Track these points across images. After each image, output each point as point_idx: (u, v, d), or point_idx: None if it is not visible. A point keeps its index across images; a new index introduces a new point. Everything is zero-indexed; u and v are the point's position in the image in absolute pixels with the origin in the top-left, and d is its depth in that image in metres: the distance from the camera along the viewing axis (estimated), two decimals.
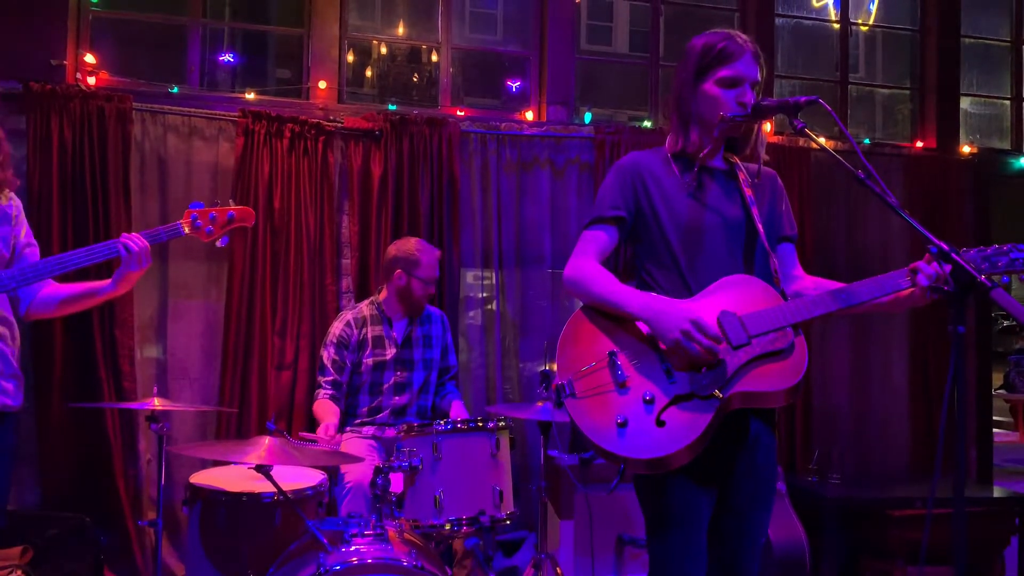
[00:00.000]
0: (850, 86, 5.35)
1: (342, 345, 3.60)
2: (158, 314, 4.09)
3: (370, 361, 3.61)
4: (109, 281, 2.38)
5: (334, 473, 3.32)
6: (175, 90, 4.16)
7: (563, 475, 3.72)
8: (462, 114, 4.50)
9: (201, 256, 4.08)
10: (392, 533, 2.62)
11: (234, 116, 4.07)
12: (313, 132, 4.12)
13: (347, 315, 3.69)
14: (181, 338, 4.11)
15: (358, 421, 3.63)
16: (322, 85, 4.38)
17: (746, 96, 2.04)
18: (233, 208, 2.51)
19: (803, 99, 1.93)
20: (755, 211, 2.08)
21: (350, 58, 4.70)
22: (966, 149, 5.23)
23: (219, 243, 2.49)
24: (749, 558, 2.08)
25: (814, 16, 5.46)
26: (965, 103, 5.49)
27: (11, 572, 3.20)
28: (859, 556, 4.14)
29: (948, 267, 1.71)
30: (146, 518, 3.67)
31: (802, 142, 4.74)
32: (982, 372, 5.24)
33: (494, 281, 4.48)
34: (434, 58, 4.88)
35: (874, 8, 5.55)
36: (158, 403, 2.98)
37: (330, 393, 3.56)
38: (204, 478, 3.00)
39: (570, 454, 3.82)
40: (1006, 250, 1.88)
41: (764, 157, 2.15)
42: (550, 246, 4.54)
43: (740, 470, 2.05)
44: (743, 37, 2.08)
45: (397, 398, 3.63)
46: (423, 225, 4.19)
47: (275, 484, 2.51)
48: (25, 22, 3.96)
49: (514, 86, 4.92)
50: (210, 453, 2.89)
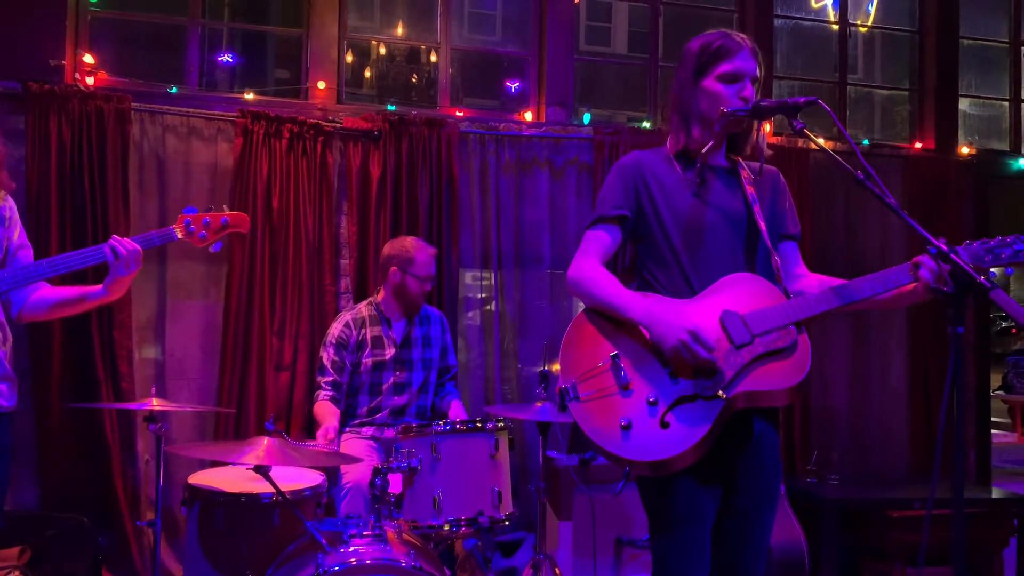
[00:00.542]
0: (849, 87, 5.35)
1: (341, 346, 3.59)
2: (156, 315, 4.09)
3: (369, 362, 3.60)
4: (101, 287, 2.34)
5: (333, 474, 3.31)
6: (174, 90, 4.16)
7: (562, 476, 3.72)
8: (461, 115, 4.50)
9: (200, 257, 4.07)
10: (391, 534, 2.62)
11: (233, 116, 4.07)
12: (312, 132, 4.12)
13: (346, 316, 3.68)
14: (180, 338, 4.10)
15: (357, 421, 3.62)
16: (321, 85, 4.38)
17: (746, 91, 2.04)
18: (227, 214, 2.48)
19: (802, 100, 1.93)
20: (757, 209, 2.08)
21: (349, 58, 4.70)
22: (965, 150, 5.23)
23: (212, 249, 2.47)
24: (754, 559, 2.07)
25: (813, 17, 5.46)
26: (964, 104, 5.49)
27: (9, 573, 3.20)
28: (858, 557, 4.14)
29: (947, 267, 1.71)
30: (144, 518, 3.67)
31: (801, 143, 4.74)
32: (981, 373, 5.24)
33: (493, 282, 4.48)
34: (433, 59, 4.88)
35: (873, 9, 5.55)
36: (156, 403, 2.98)
37: (330, 394, 3.55)
38: (202, 479, 2.99)
39: (569, 455, 3.82)
40: (1009, 241, 1.88)
41: (768, 152, 2.14)
42: (549, 247, 4.54)
43: (744, 470, 2.04)
44: (740, 35, 2.09)
45: (396, 398, 3.63)
46: (422, 225, 4.19)
47: (274, 485, 2.51)
48: (24, 22, 3.95)
49: (513, 87, 4.92)
50: (208, 454, 2.89)
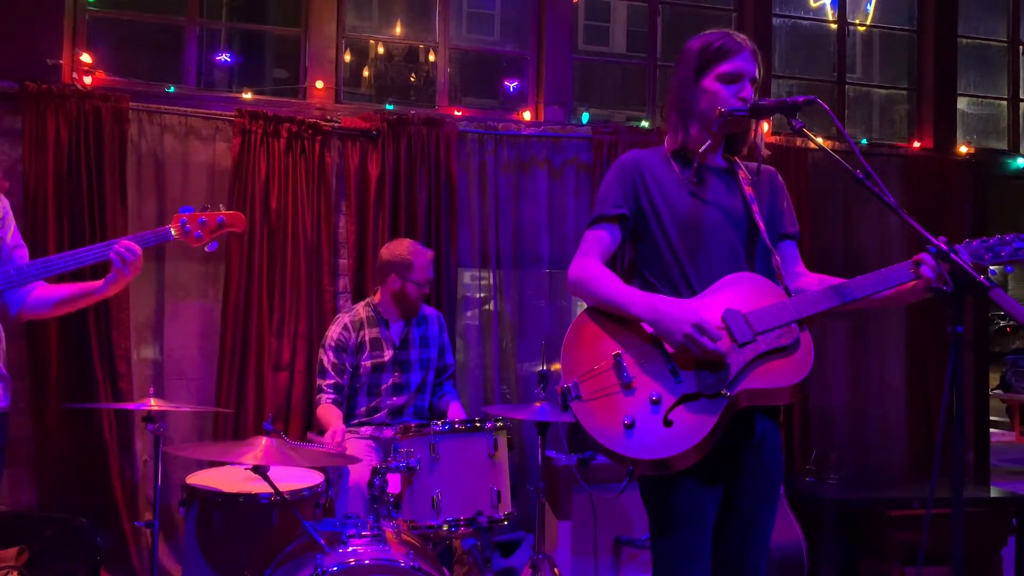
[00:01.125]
0: (847, 86, 5.34)
1: (341, 348, 3.59)
2: (155, 315, 4.08)
3: (368, 364, 3.60)
4: (101, 282, 2.36)
5: (333, 474, 3.31)
6: (172, 90, 4.15)
7: (561, 475, 3.71)
8: (459, 114, 4.50)
9: (198, 257, 4.07)
10: (390, 534, 2.62)
11: (231, 116, 4.06)
12: (310, 132, 4.11)
13: (344, 318, 3.68)
14: (178, 339, 4.10)
15: (356, 421, 3.62)
16: (319, 85, 4.37)
17: (745, 91, 2.04)
18: (223, 213, 2.49)
19: (801, 99, 1.93)
20: (755, 208, 2.08)
21: (347, 58, 4.69)
22: (963, 149, 5.23)
23: (208, 248, 2.47)
24: (755, 559, 2.07)
25: (811, 16, 5.46)
26: (962, 103, 5.49)
27: (8, 573, 3.19)
28: (857, 557, 4.14)
29: (947, 265, 1.71)
30: (142, 519, 3.66)
31: (799, 142, 4.74)
32: (979, 372, 5.24)
33: (491, 281, 4.47)
34: (431, 58, 4.87)
35: (871, 8, 5.55)
36: (154, 404, 2.98)
37: (332, 397, 3.54)
38: (201, 479, 2.99)
39: (569, 454, 3.81)
40: (1009, 239, 1.88)
41: (766, 153, 2.14)
42: (548, 246, 4.53)
43: (746, 469, 2.04)
44: (741, 35, 2.09)
45: (395, 399, 3.62)
46: (420, 225, 4.18)
47: (272, 485, 2.50)
48: (21, 21, 3.94)
49: (511, 86, 4.91)
50: (207, 454, 2.89)
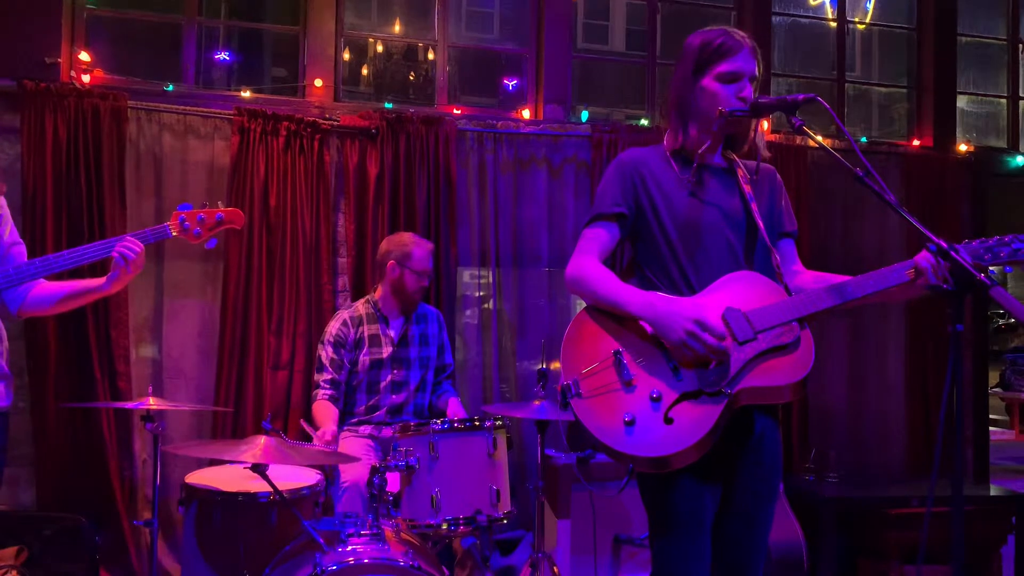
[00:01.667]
0: (847, 84, 5.34)
1: (339, 344, 3.59)
2: (153, 313, 4.07)
3: (367, 360, 3.60)
4: (104, 280, 2.37)
5: (330, 473, 3.31)
6: (170, 88, 4.14)
7: (560, 474, 3.71)
8: (459, 112, 4.49)
9: (197, 255, 4.06)
10: (389, 533, 2.62)
11: (230, 114, 4.06)
12: (309, 130, 4.11)
13: (343, 314, 3.67)
14: (177, 337, 4.09)
15: (355, 420, 3.61)
16: (318, 83, 4.36)
17: (745, 91, 2.03)
18: (222, 210, 2.49)
19: (801, 97, 1.93)
20: (755, 207, 2.08)
21: (346, 56, 4.68)
22: (963, 148, 5.23)
23: (207, 245, 2.47)
24: (754, 558, 2.07)
25: (811, 15, 5.46)
26: (962, 102, 5.49)
27: (6, 573, 3.19)
28: (856, 555, 4.14)
29: (947, 264, 1.71)
30: (141, 518, 3.66)
31: (799, 140, 4.74)
32: (978, 371, 5.24)
33: (491, 280, 4.47)
34: (430, 56, 4.87)
35: (871, 7, 5.55)
36: (153, 403, 2.98)
37: (329, 393, 3.54)
38: (200, 478, 2.99)
39: (568, 453, 3.81)
40: (1008, 240, 1.88)
41: (765, 154, 2.14)
42: (547, 245, 4.53)
43: (745, 467, 2.04)
44: (740, 33, 2.08)
45: (394, 397, 3.62)
46: (419, 224, 4.18)
47: (271, 484, 2.50)
48: (19, 20, 3.93)
49: (511, 84, 4.91)
50: (206, 452, 2.88)
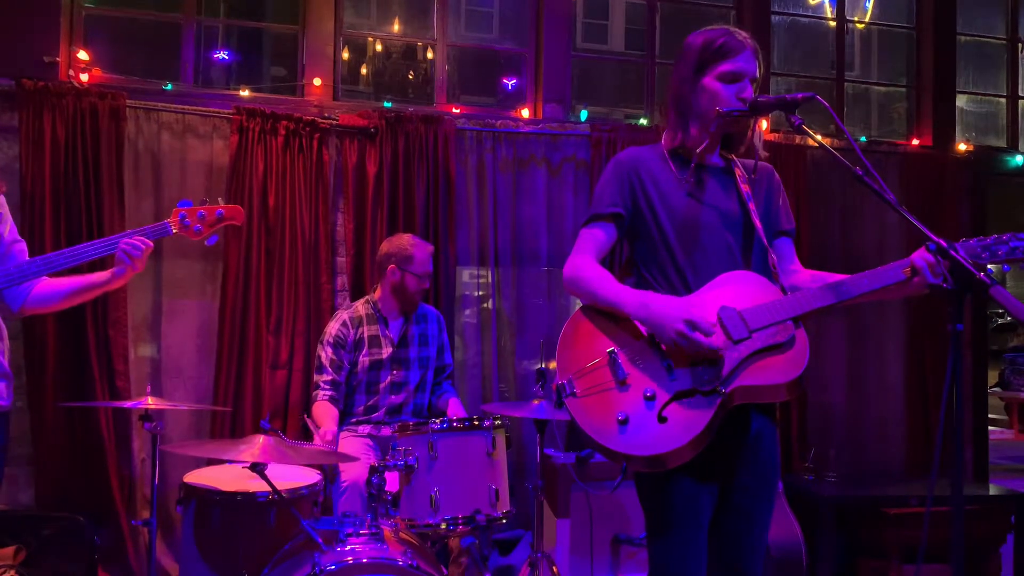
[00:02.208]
0: (846, 84, 5.34)
1: (339, 345, 3.58)
2: (152, 313, 4.07)
3: (366, 360, 3.59)
4: (108, 274, 2.37)
5: (329, 473, 3.31)
6: (169, 87, 4.14)
7: (559, 474, 3.71)
8: (458, 112, 4.49)
9: (196, 254, 4.06)
10: (388, 532, 2.62)
11: (228, 113, 4.05)
12: (308, 130, 4.10)
13: (343, 315, 3.67)
14: (175, 337, 4.09)
15: (354, 420, 3.61)
16: (317, 82, 4.36)
17: (746, 91, 2.03)
18: (222, 206, 2.49)
19: (800, 96, 1.93)
20: (752, 207, 2.08)
21: (345, 55, 4.68)
22: (962, 147, 5.23)
23: (208, 242, 2.47)
24: (753, 557, 2.06)
25: (810, 14, 5.46)
26: (961, 101, 5.49)
27: (5, 572, 3.19)
28: (855, 554, 4.14)
29: (946, 263, 1.71)
30: (140, 517, 3.66)
31: (798, 140, 4.74)
32: (978, 370, 5.23)
33: (490, 279, 4.46)
34: (430, 55, 4.86)
35: (870, 6, 5.54)
36: (152, 402, 2.97)
37: (329, 394, 3.53)
38: (198, 477, 2.98)
39: (567, 452, 3.81)
40: (1006, 239, 1.88)
41: (764, 153, 2.14)
42: (546, 244, 4.53)
43: (742, 466, 2.03)
44: (742, 33, 2.08)
45: (393, 397, 3.62)
46: (418, 223, 4.18)
47: (270, 483, 2.50)
48: (18, 19, 3.93)
49: (510, 84, 4.90)
50: (204, 452, 2.88)
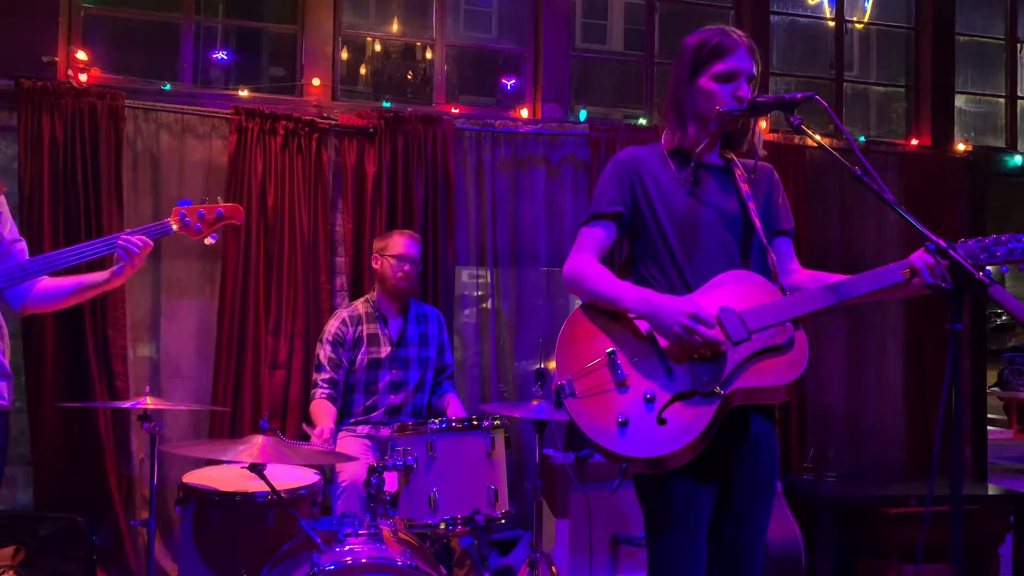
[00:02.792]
0: (845, 84, 5.34)
1: (338, 343, 3.59)
2: (151, 313, 4.07)
3: (365, 359, 3.59)
4: (107, 273, 2.37)
5: (328, 473, 3.30)
6: (168, 87, 4.14)
7: (558, 474, 3.71)
8: (457, 111, 4.48)
9: (194, 254, 4.06)
10: (386, 532, 2.61)
11: (227, 113, 4.05)
12: (307, 130, 4.10)
13: (342, 313, 3.67)
14: (174, 337, 4.08)
15: (352, 420, 3.61)
16: (316, 82, 4.35)
17: (742, 90, 2.03)
18: (222, 205, 2.49)
19: (799, 95, 1.93)
20: (751, 206, 2.08)
21: (344, 55, 4.68)
22: (961, 147, 5.23)
23: (208, 240, 2.47)
24: (752, 557, 2.06)
25: (809, 14, 5.46)
26: (960, 101, 5.49)
27: (3, 572, 3.19)
28: (855, 554, 4.13)
29: (946, 263, 1.71)
30: (139, 518, 3.65)
31: (797, 140, 4.74)
32: (977, 370, 5.24)
33: (489, 279, 4.46)
34: (428, 55, 4.86)
35: (869, 6, 5.55)
36: (151, 402, 2.97)
37: (327, 392, 3.53)
38: (197, 477, 2.98)
39: (566, 452, 3.81)
40: (1004, 240, 1.88)
41: (762, 152, 2.14)
42: (545, 244, 4.53)
43: (741, 466, 2.03)
44: (738, 32, 2.08)
45: (392, 397, 3.61)
46: (417, 223, 4.17)
47: (269, 483, 2.50)
48: (17, 18, 3.92)
49: (509, 84, 4.90)
50: (203, 452, 2.88)
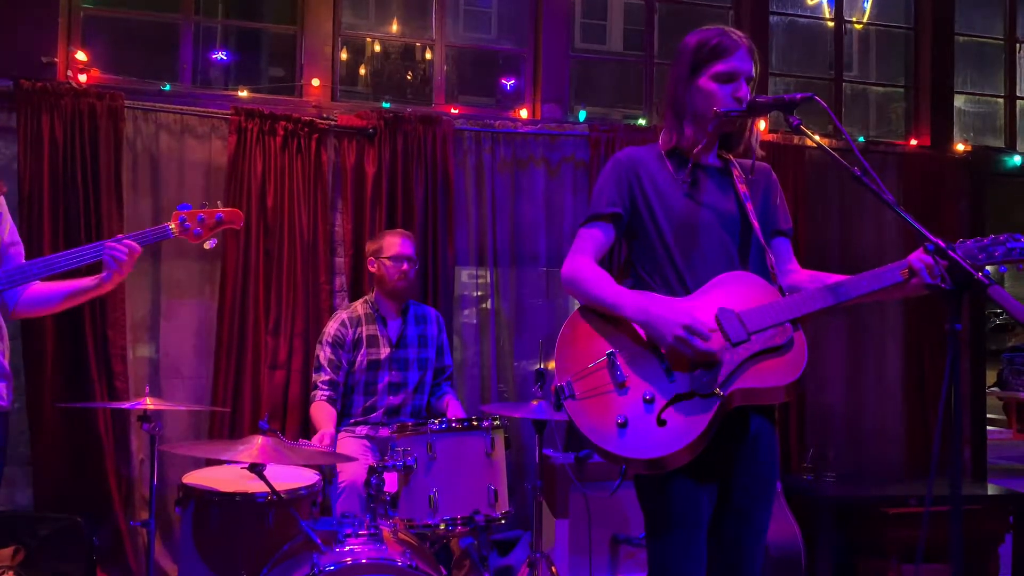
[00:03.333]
0: (844, 84, 5.34)
1: (338, 344, 3.59)
2: (151, 313, 4.07)
3: (364, 360, 3.59)
4: (96, 279, 2.36)
5: (328, 473, 3.30)
6: (167, 88, 4.14)
7: (558, 474, 3.71)
8: (456, 112, 4.49)
9: (194, 255, 4.06)
10: (386, 533, 2.62)
11: (227, 114, 4.05)
12: (306, 130, 4.10)
13: (342, 314, 3.67)
14: (174, 337, 4.08)
15: (352, 421, 3.61)
16: (315, 83, 4.35)
17: (741, 91, 2.03)
18: (222, 210, 2.48)
19: (799, 96, 1.93)
20: (750, 207, 2.08)
21: (344, 56, 4.68)
22: (960, 147, 5.23)
23: (207, 245, 2.47)
24: (752, 557, 2.06)
25: (808, 14, 5.46)
26: (959, 101, 5.49)
27: (3, 573, 3.19)
28: (854, 554, 4.14)
29: (945, 263, 1.71)
30: (139, 518, 3.65)
31: (797, 140, 4.74)
32: (976, 370, 5.24)
33: (489, 280, 4.46)
34: (428, 56, 4.86)
35: (868, 6, 5.55)
36: (150, 403, 2.97)
37: (327, 394, 3.53)
38: (197, 478, 2.98)
39: (565, 453, 3.81)
40: (1003, 240, 1.88)
41: (760, 153, 2.14)
42: (545, 244, 4.53)
43: (741, 467, 2.03)
44: (737, 33, 2.08)
45: (391, 398, 3.62)
46: (417, 223, 4.18)
47: (268, 484, 2.50)
48: (16, 19, 3.92)
49: (508, 84, 4.90)
50: (203, 452, 2.89)
